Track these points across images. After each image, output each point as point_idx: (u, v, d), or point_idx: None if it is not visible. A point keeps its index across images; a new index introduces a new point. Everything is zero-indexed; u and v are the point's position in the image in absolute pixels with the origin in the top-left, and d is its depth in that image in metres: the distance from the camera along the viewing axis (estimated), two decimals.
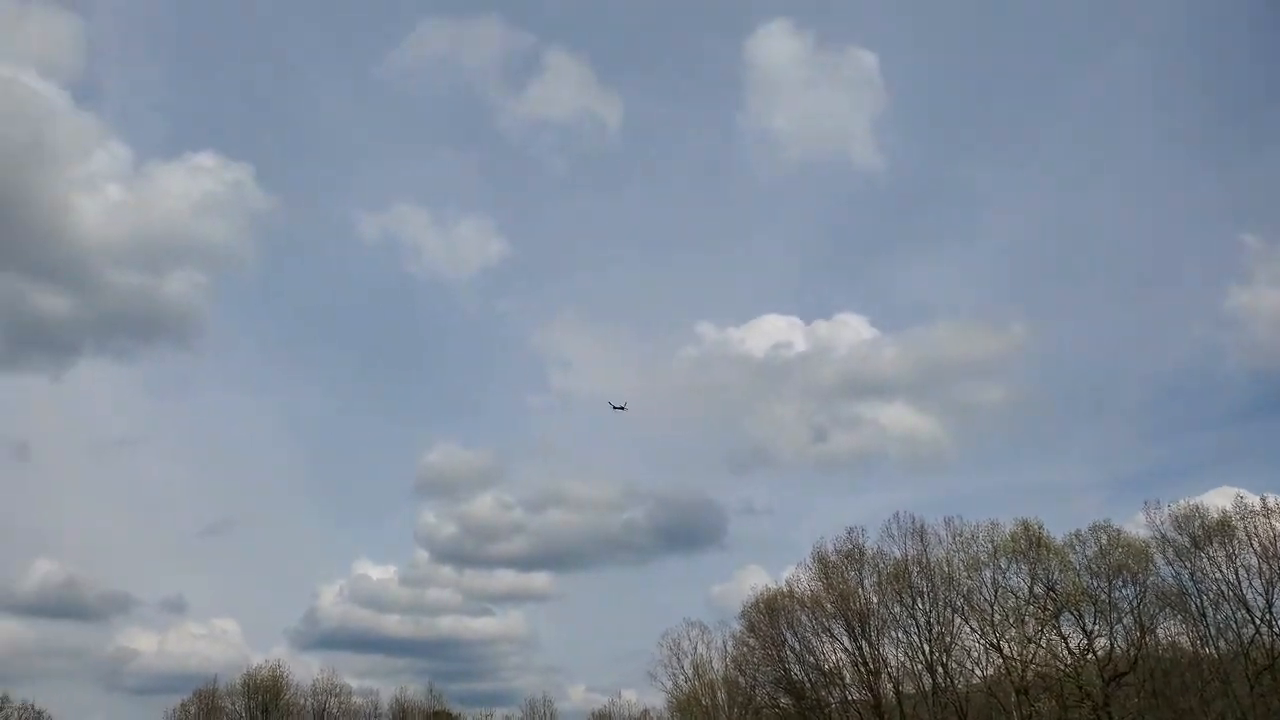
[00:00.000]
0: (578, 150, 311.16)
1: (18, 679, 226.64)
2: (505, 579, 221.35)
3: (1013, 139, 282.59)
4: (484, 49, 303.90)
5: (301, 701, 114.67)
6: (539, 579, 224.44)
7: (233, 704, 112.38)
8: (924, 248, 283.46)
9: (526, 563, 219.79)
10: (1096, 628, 70.42)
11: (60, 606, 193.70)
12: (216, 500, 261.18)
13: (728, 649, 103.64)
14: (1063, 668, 70.41)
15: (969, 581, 76.83)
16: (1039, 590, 71.91)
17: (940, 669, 78.31)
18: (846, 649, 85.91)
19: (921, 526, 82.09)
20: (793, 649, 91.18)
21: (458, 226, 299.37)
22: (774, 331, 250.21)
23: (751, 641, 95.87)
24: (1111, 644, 71.31)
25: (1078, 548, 71.82)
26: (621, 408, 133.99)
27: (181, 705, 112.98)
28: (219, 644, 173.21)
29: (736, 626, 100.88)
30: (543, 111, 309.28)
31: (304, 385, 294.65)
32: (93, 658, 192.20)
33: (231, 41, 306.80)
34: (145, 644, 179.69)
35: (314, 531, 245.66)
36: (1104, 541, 70.10)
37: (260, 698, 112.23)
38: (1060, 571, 71.52)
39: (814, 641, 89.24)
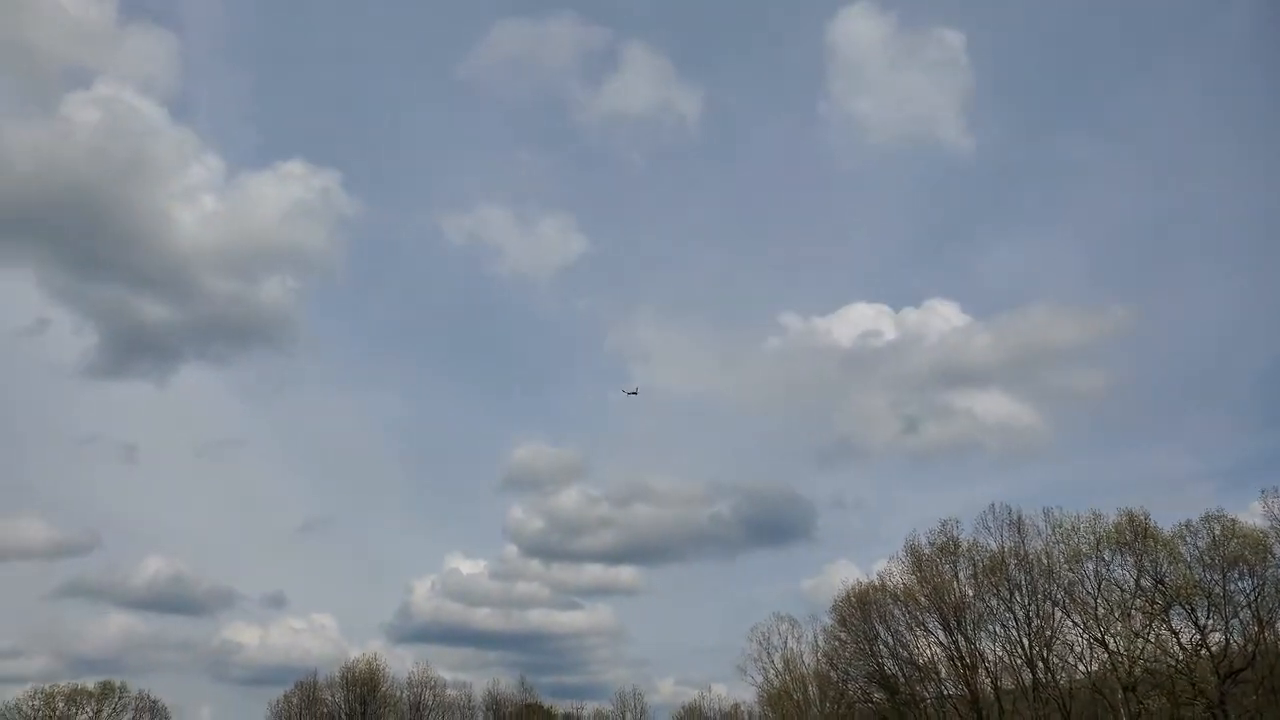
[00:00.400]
0: (657, 144, 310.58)
1: (134, 670, 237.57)
2: (593, 573, 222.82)
3: (1109, 115, 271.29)
4: (560, 47, 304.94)
5: (397, 694, 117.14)
6: (626, 573, 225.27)
7: (332, 696, 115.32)
8: (1016, 230, 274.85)
9: (613, 557, 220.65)
10: (1210, 622, 66.84)
11: (170, 601, 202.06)
12: (313, 498, 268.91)
13: (818, 643, 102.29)
14: (1174, 664, 67.07)
15: (1070, 574, 73.82)
16: (1146, 583, 68.58)
17: (1041, 664, 75.51)
18: (941, 643, 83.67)
19: (1019, 518, 79.37)
20: (885, 643, 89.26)
21: (539, 225, 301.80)
22: (861, 320, 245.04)
23: (843, 636, 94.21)
24: (1227, 639, 67.58)
25: (1188, 539, 68.22)
26: (633, 393, 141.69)
27: (284, 696, 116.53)
28: (317, 638, 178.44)
29: (827, 620, 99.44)
30: (621, 106, 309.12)
31: (394, 385, 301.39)
32: (200, 650, 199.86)
33: (315, 52, 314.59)
34: (248, 637, 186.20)
35: (407, 527, 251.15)
36: (1217, 532, 66.39)
37: (358, 690, 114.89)
38: (1169, 564, 68.03)
39: (907, 636, 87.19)
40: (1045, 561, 75.74)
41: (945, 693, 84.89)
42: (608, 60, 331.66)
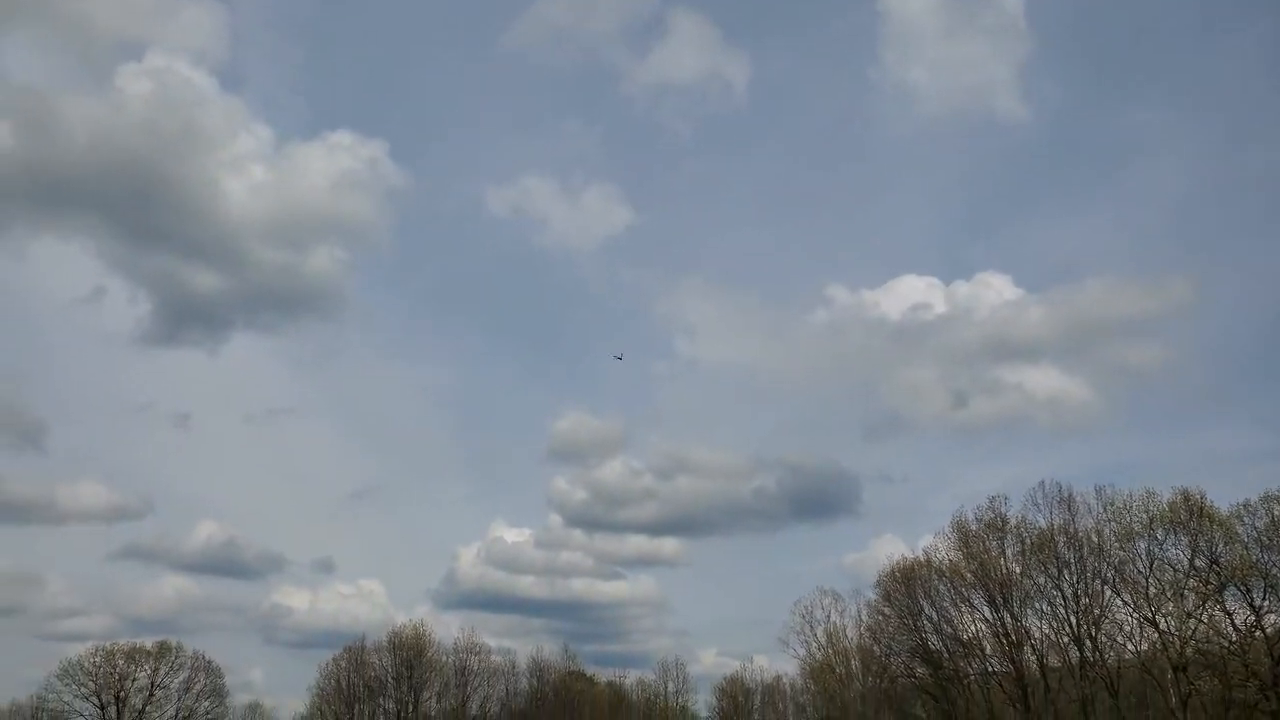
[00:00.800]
0: (704, 113, 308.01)
1: (188, 630, 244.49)
2: (635, 544, 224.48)
3: (1173, 81, 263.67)
4: (606, 15, 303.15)
5: (443, 659, 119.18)
6: (669, 544, 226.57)
7: (379, 660, 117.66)
8: (1073, 201, 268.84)
9: (656, 528, 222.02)
10: (1266, 604, 65.46)
11: (222, 565, 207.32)
12: (362, 466, 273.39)
13: (862, 617, 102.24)
14: (1227, 645, 65.93)
15: (1121, 553, 72.65)
16: (1200, 563, 67.31)
17: (1089, 642, 74.69)
18: (987, 620, 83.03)
19: (1069, 495, 78.01)
20: (930, 619, 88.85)
21: (584, 196, 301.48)
22: (911, 293, 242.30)
23: (887, 610, 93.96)
24: None
25: (1245, 519, 66.58)
26: (619, 358, 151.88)
27: (333, 659, 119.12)
28: (365, 603, 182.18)
29: (871, 595, 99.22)
30: (667, 75, 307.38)
31: (440, 355, 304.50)
32: (252, 613, 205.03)
33: (362, 23, 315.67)
34: (298, 602, 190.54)
35: (453, 496, 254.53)
36: (1277, 513, 64.85)
37: (405, 654, 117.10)
38: (1225, 544, 66.67)
39: (952, 612, 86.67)
40: (1095, 540, 74.63)
41: (990, 669, 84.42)
42: (654, 28, 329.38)
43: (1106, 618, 74.07)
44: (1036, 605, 79.62)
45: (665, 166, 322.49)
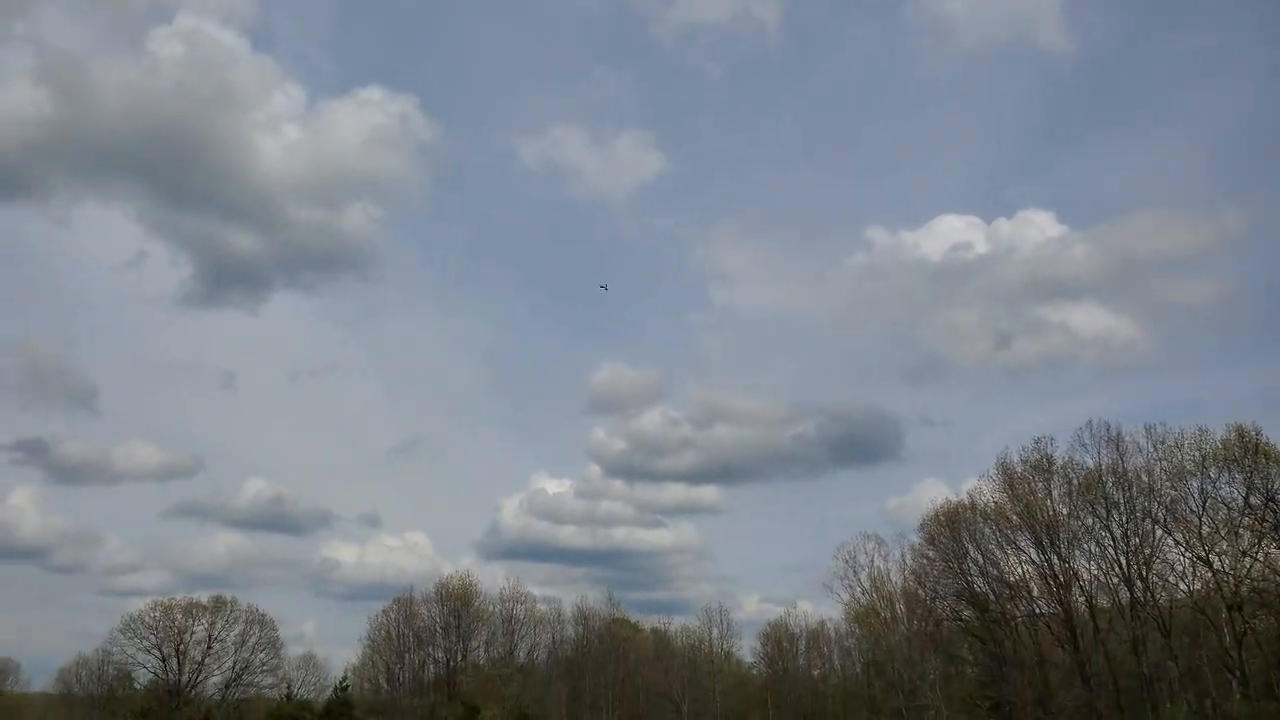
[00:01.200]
0: (735, 54, 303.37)
1: (242, 585, 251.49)
2: (675, 492, 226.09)
3: (1219, 4, 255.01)
4: None
5: (490, 608, 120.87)
6: (709, 492, 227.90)
7: (428, 610, 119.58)
8: (1117, 135, 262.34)
9: (696, 477, 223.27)
10: None
11: (271, 521, 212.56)
12: (403, 421, 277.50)
13: (905, 561, 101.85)
14: None
15: (1172, 492, 71.23)
16: (1256, 501, 65.90)
17: (1139, 582, 73.78)
18: (1033, 562, 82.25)
19: (1118, 434, 76.42)
20: (975, 562, 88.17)
21: (615, 144, 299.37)
22: (951, 233, 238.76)
23: (931, 554, 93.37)
24: None
25: None
26: (604, 288, 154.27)
27: (383, 611, 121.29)
28: (412, 555, 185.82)
29: (915, 539, 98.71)
30: (697, 17, 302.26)
31: (477, 309, 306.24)
32: (302, 567, 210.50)
33: None
34: (346, 555, 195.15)
35: (494, 448, 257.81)
36: None
37: (453, 604, 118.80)
38: None
39: (998, 554, 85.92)
40: (1146, 479, 73.27)
41: (1037, 611, 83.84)
42: None
43: (1158, 558, 72.99)
44: (1084, 546, 78.69)
45: (697, 111, 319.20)
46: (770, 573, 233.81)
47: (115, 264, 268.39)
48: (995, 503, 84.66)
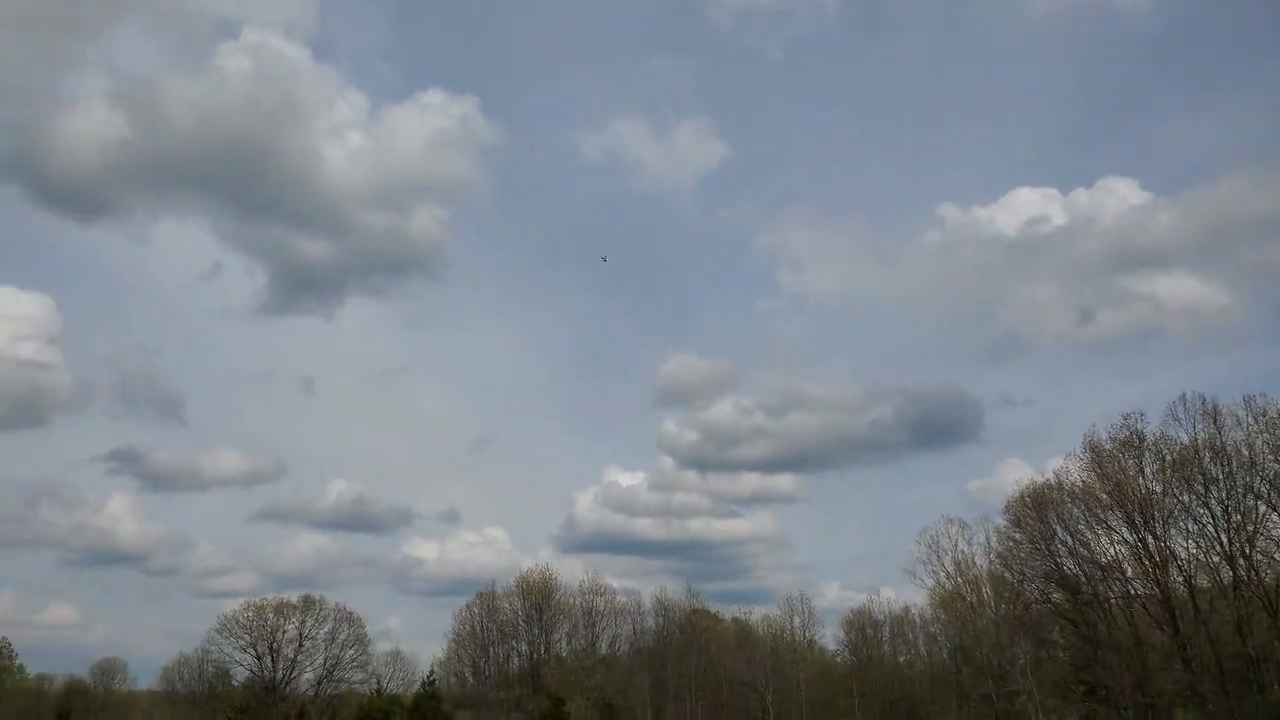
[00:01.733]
0: (794, 34, 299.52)
1: (327, 584, 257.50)
2: (750, 482, 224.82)
3: None
4: None
5: (571, 601, 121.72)
6: (784, 481, 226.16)
7: (510, 604, 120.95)
8: (1204, 94, 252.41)
9: (771, 465, 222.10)
10: None
11: (354, 520, 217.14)
12: (478, 418, 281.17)
13: (991, 544, 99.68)
14: None
15: (1276, 465, 68.42)
16: None
17: (1242, 561, 71.04)
18: (1126, 541, 79.78)
19: (1214, 407, 73.48)
20: (1064, 543, 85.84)
21: (676, 133, 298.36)
22: (1026, 207, 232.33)
23: (1017, 536, 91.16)
24: None
25: None
26: (604, 259, 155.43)
27: (467, 606, 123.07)
28: (491, 550, 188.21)
29: (999, 521, 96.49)
30: None
31: (544, 306, 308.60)
32: (384, 565, 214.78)
33: None
34: (427, 552, 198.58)
35: (566, 442, 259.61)
36: None
37: (534, 598, 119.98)
38: None
39: (1088, 535, 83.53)
40: (1246, 453, 70.48)
41: (1132, 592, 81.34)
42: None
43: (1262, 534, 70.10)
44: (1181, 525, 76.00)
45: (758, 94, 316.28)
46: (850, 560, 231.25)
47: (193, 277, 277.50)
48: (1083, 482, 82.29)
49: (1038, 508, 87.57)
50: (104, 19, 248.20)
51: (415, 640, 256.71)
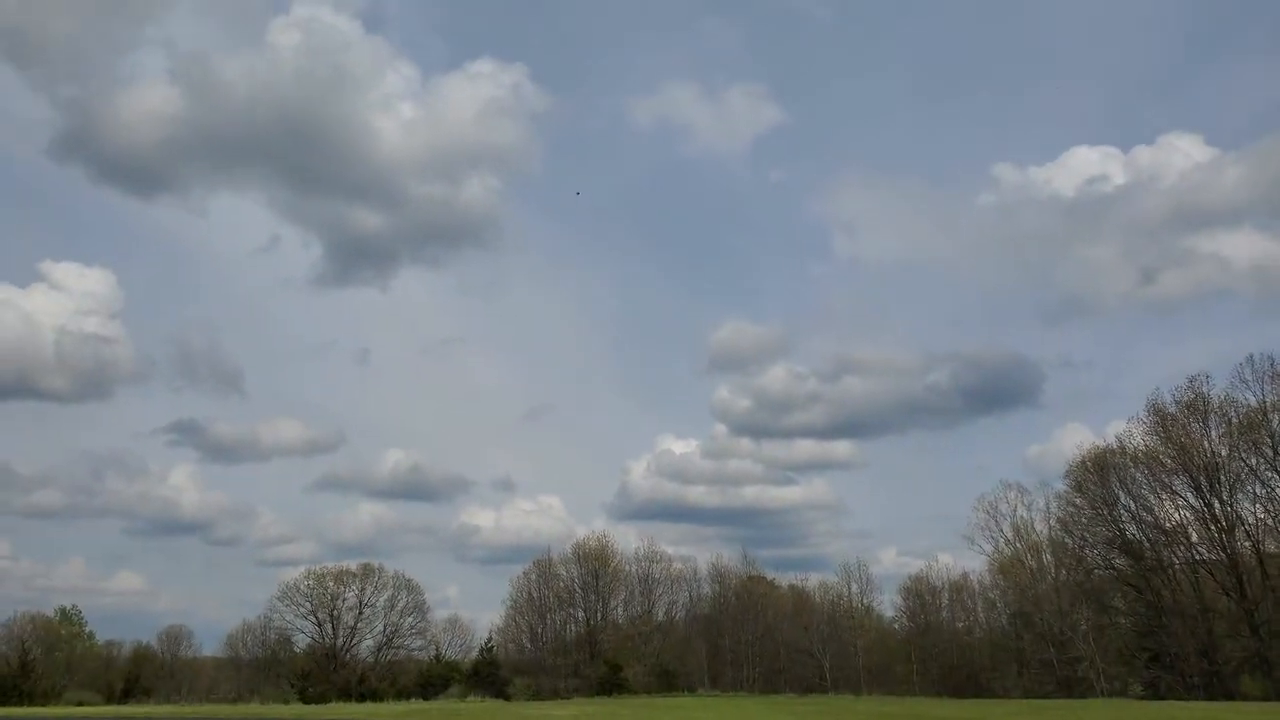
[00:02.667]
0: None
1: (386, 552, 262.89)
2: (805, 448, 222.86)
3: None
4: None
5: (627, 568, 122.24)
6: (840, 447, 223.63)
7: (566, 571, 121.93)
8: (1270, 42, 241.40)
9: (825, 432, 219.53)
10: None
11: (411, 489, 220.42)
12: (530, 386, 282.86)
13: (1051, 510, 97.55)
14: None
15: None
16: None
17: None
18: (1191, 506, 77.38)
19: None
20: (1127, 508, 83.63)
21: (727, 97, 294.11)
22: (1085, 166, 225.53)
23: (1079, 501, 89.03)
24: None
25: None
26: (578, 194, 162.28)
27: (524, 573, 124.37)
28: (546, 518, 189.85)
29: (1059, 487, 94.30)
30: None
31: (595, 273, 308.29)
32: (441, 534, 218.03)
33: None
34: (483, 520, 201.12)
35: (618, 410, 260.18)
36: None
37: (590, 565, 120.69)
38: None
39: (1151, 500, 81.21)
40: None
41: (1197, 557, 78.93)
42: None
43: None
44: (1249, 489, 73.45)
45: (811, 56, 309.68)
46: (907, 526, 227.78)
47: (251, 250, 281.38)
48: (1147, 446, 79.87)
49: (1099, 472, 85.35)
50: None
51: (473, 607, 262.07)
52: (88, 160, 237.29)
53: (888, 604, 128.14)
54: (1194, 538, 77.92)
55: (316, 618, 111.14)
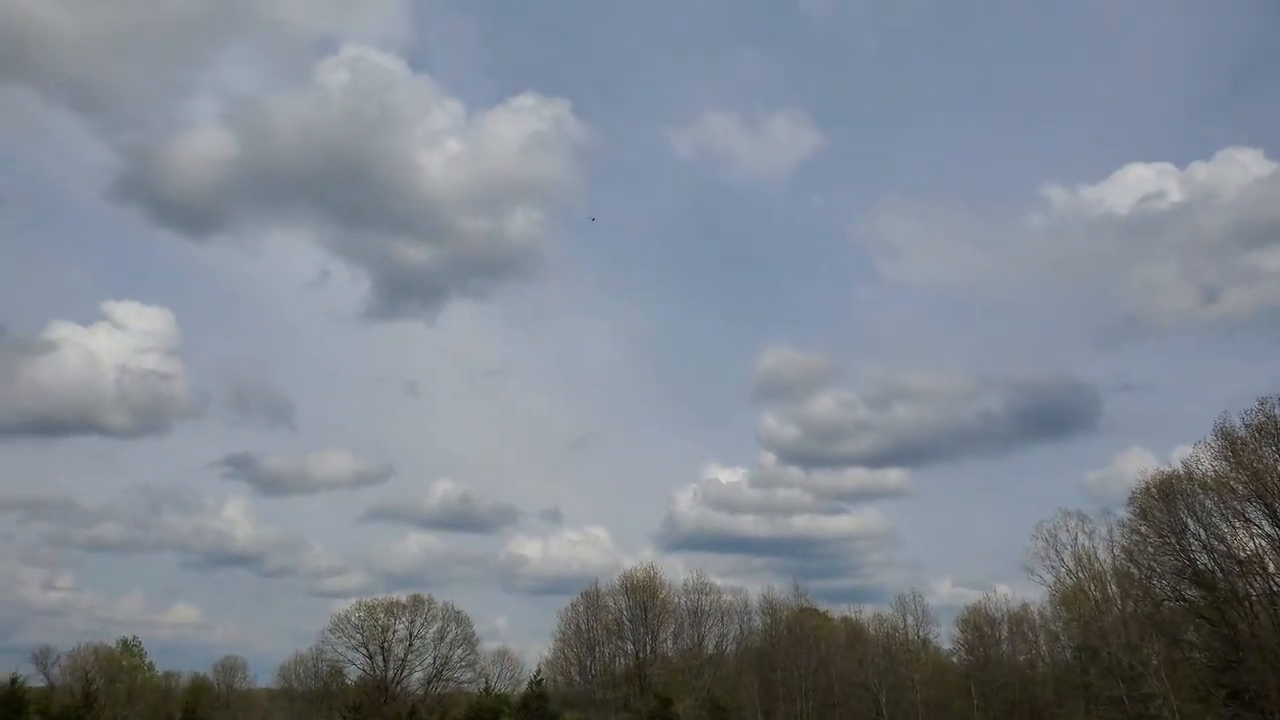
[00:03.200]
0: (889, 20, 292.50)
1: (435, 583, 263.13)
2: (856, 477, 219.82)
3: None
4: None
5: (676, 600, 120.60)
6: (892, 475, 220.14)
7: (614, 603, 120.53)
8: None
9: (876, 460, 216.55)
10: None
11: (459, 520, 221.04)
12: (578, 417, 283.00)
13: (1114, 538, 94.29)
14: None
15: None
16: None
17: None
18: (1267, 535, 74.11)
19: None
20: (1197, 536, 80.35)
21: (768, 124, 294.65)
22: (1139, 184, 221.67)
23: (1144, 529, 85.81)
24: None
25: None
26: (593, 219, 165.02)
27: (571, 605, 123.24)
28: (593, 549, 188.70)
29: (1123, 514, 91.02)
30: None
31: (640, 302, 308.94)
32: (490, 564, 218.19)
33: None
34: (531, 550, 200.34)
35: (665, 440, 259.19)
36: None
37: (639, 596, 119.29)
38: None
39: (1223, 528, 77.96)
40: None
41: (1276, 588, 75.50)
42: None
43: None
44: None
45: (851, 81, 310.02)
46: (962, 556, 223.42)
47: (301, 285, 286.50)
48: (1216, 471, 76.78)
49: (1166, 499, 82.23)
50: (215, 46, 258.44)
51: (522, 638, 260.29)
52: (146, 202, 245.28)
53: (945, 636, 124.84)
54: (1271, 568, 74.59)
55: (367, 649, 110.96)
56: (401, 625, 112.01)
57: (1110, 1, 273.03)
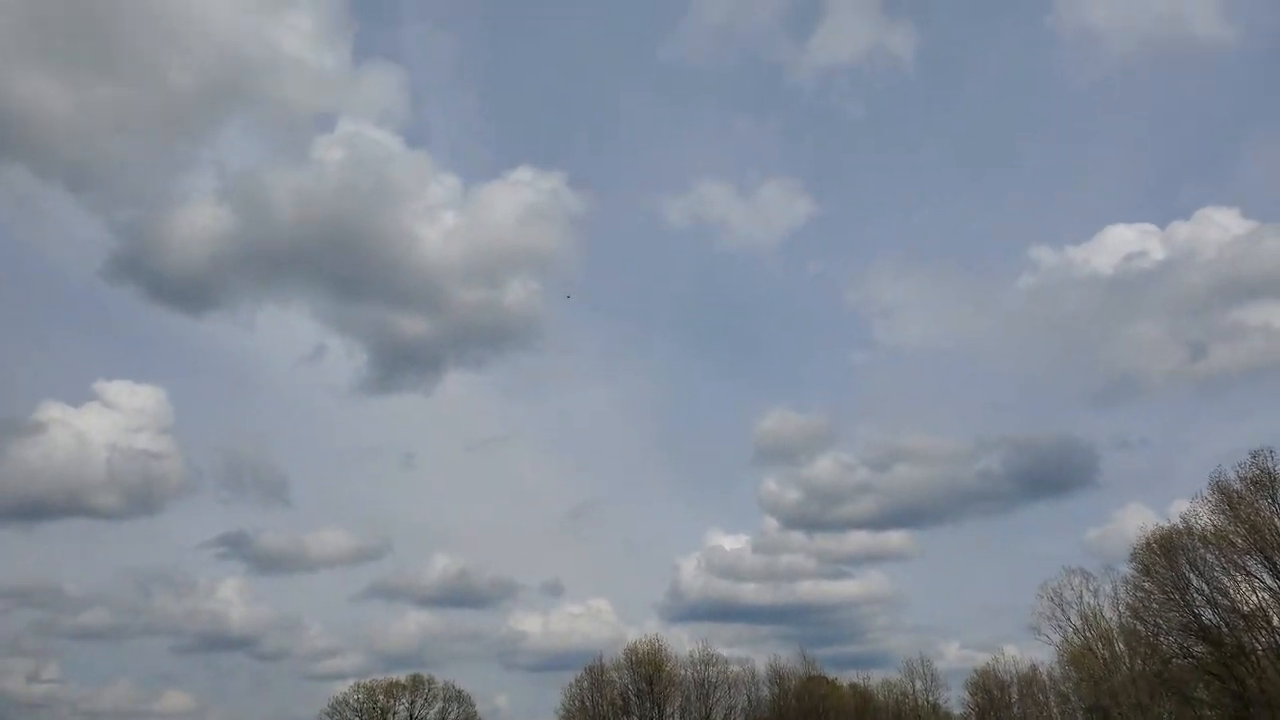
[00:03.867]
0: (874, 90, 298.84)
1: (433, 662, 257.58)
2: (859, 540, 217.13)
3: None
4: (761, 7, 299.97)
5: (682, 672, 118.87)
6: (894, 537, 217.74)
7: (619, 677, 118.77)
8: None
9: (878, 522, 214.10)
10: None
11: (458, 595, 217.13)
12: (577, 487, 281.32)
13: (1119, 595, 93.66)
14: None
15: None
16: None
17: None
18: (1269, 587, 73.73)
19: None
20: (1200, 591, 79.89)
21: (761, 193, 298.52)
22: (1122, 244, 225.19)
23: (1147, 585, 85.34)
24: None
25: None
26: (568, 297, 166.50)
27: (575, 680, 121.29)
28: (595, 622, 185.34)
29: (1125, 570, 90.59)
30: (831, 58, 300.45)
31: (638, 371, 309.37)
32: (489, 639, 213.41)
33: (529, 61, 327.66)
34: (531, 625, 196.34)
35: (666, 508, 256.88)
36: None
37: (643, 670, 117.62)
38: None
39: (1225, 581, 77.59)
40: None
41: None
42: (810, 11, 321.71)
43: None
44: None
45: (842, 150, 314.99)
46: (968, 617, 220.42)
47: (296, 360, 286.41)
48: (1215, 525, 76.72)
49: (1167, 554, 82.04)
50: (214, 122, 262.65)
51: (524, 717, 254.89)
52: (140, 280, 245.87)
53: (955, 700, 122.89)
54: (1275, 621, 74.08)
55: None
56: (402, 706, 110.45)
57: (1089, 71, 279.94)
